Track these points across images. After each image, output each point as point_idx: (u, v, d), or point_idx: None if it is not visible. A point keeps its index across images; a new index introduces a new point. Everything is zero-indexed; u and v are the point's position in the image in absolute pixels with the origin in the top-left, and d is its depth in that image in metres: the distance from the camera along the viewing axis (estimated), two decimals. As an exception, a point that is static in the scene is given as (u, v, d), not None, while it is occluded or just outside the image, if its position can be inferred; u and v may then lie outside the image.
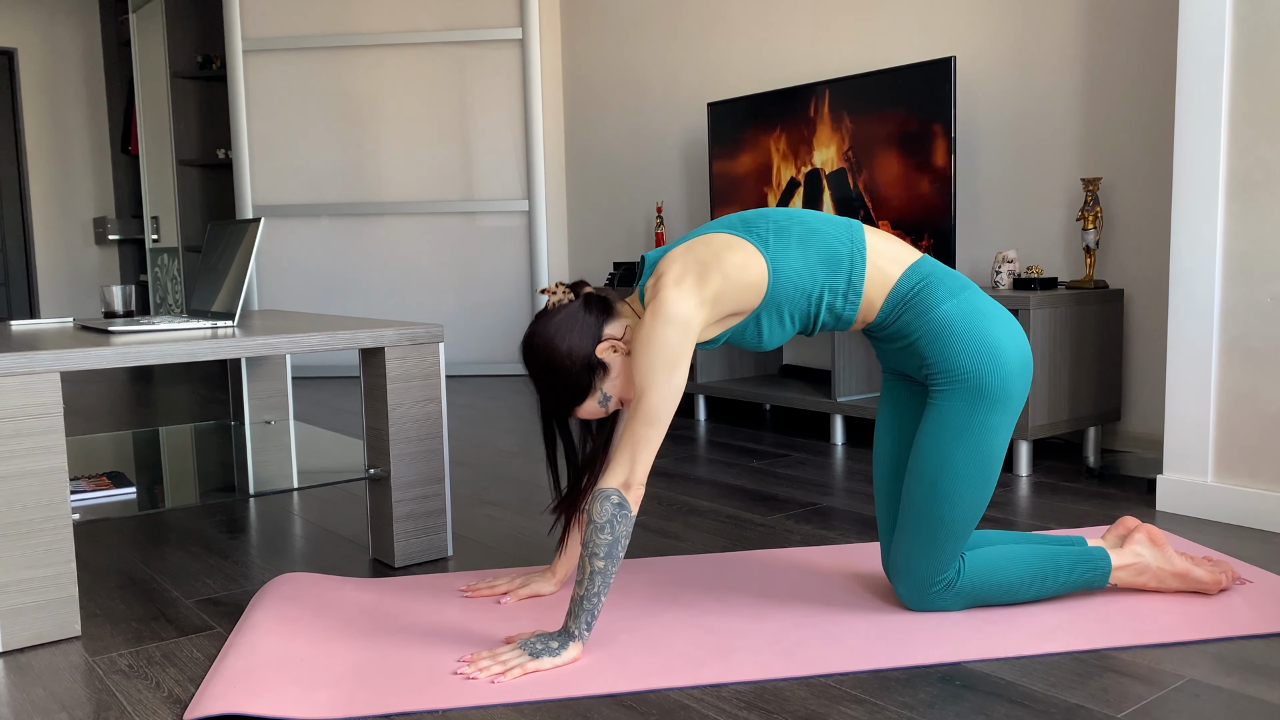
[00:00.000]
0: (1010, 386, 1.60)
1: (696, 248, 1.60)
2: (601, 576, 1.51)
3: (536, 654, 1.50)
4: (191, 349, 1.77)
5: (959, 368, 1.60)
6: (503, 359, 5.12)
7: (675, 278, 1.56)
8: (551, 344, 1.61)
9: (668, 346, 1.52)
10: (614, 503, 1.51)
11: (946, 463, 1.61)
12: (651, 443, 1.53)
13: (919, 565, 1.66)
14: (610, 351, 1.62)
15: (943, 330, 1.60)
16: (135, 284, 7.27)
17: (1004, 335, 1.61)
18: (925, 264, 1.65)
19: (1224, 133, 2.18)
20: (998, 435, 1.61)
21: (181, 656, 1.61)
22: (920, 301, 1.62)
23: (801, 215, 1.65)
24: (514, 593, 1.81)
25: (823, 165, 3.45)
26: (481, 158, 5.03)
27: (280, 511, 2.53)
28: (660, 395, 1.52)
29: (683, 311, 1.53)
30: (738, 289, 1.59)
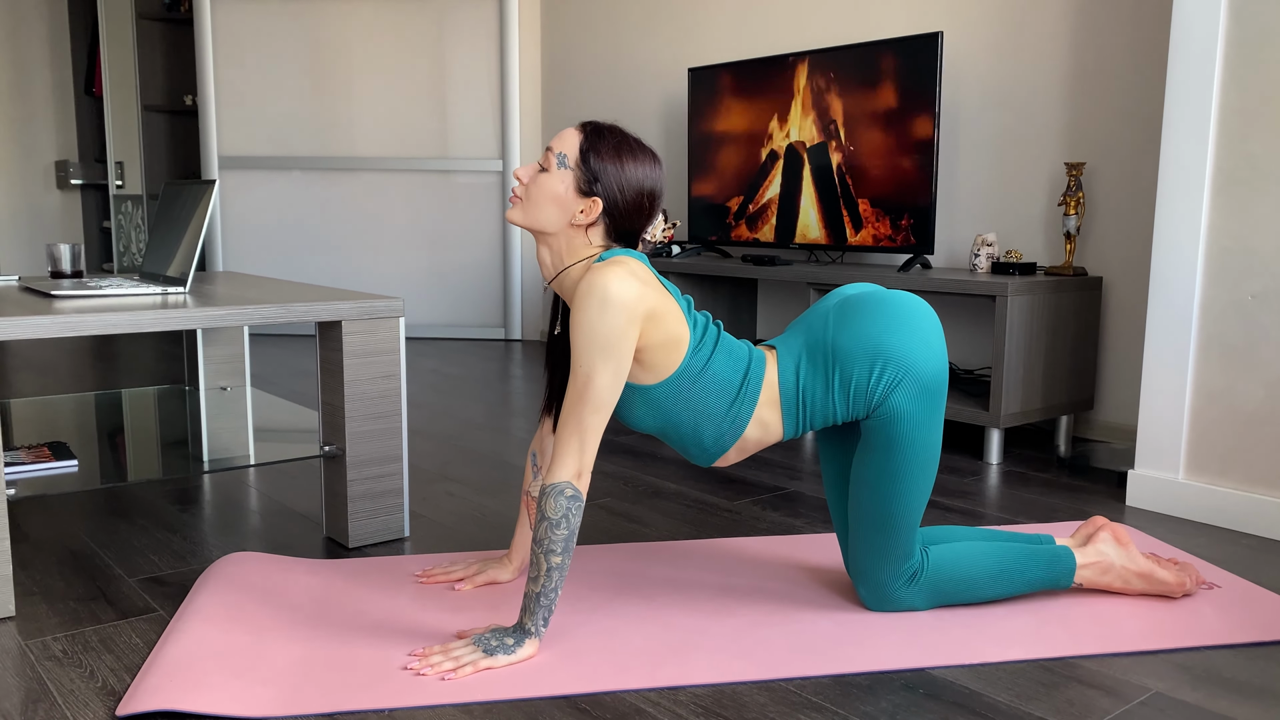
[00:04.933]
0: (934, 392, 1.56)
1: (653, 276, 1.54)
2: (559, 572, 1.46)
3: (491, 651, 1.45)
4: (137, 319, 1.68)
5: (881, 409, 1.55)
6: (472, 322, 5.03)
7: (627, 273, 1.46)
8: (650, 175, 1.54)
9: (610, 330, 1.44)
10: (568, 496, 1.45)
11: (884, 469, 1.57)
12: (598, 429, 1.47)
13: (878, 566, 1.62)
14: (582, 212, 1.52)
15: (847, 385, 1.56)
16: (98, 230, 7.10)
17: (904, 346, 1.54)
18: (785, 377, 1.58)
19: (1213, 125, 2.12)
20: (933, 428, 1.57)
21: (120, 642, 1.54)
22: (818, 414, 1.57)
23: (716, 369, 1.57)
24: (469, 579, 1.76)
25: (803, 138, 3.38)
26: (456, 115, 4.91)
27: (234, 484, 2.45)
28: (604, 382, 1.45)
29: (630, 295, 1.45)
30: (662, 332, 1.51)
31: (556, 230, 1.55)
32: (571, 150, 1.53)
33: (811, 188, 3.37)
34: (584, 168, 1.52)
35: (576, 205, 1.53)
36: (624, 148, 1.53)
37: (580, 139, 1.53)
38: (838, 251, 3.48)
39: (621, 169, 1.52)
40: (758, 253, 3.75)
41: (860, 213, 3.22)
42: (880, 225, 3.17)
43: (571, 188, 1.53)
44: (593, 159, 1.52)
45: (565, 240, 1.56)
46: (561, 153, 1.53)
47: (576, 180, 1.52)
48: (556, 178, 1.53)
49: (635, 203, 1.54)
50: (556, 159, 1.53)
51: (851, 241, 3.26)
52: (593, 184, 1.52)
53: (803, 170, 3.39)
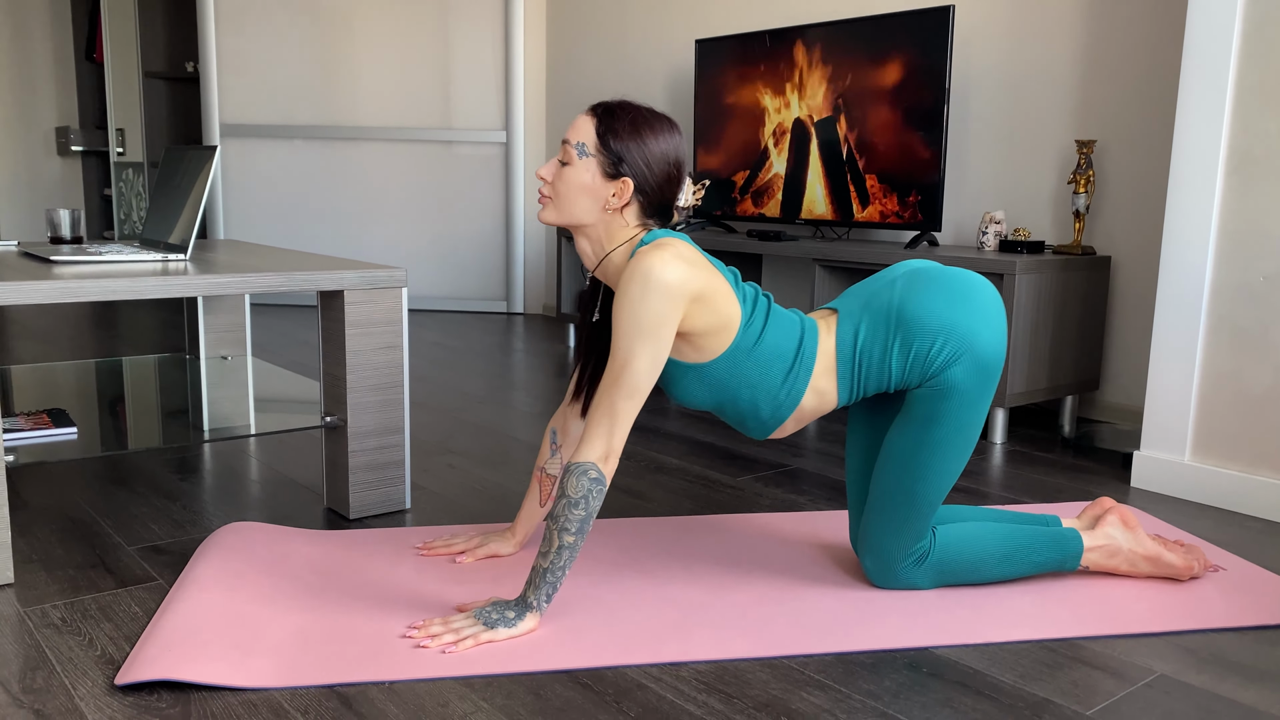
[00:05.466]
0: (990, 373, 1.54)
1: (701, 255, 1.52)
2: (570, 551, 1.45)
3: (491, 624, 1.44)
4: (137, 286, 1.66)
5: (934, 384, 1.54)
6: (475, 295, 5.01)
7: (676, 254, 1.45)
8: (671, 141, 1.51)
9: (652, 314, 1.43)
10: (591, 478, 1.44)
11: (922, 442, 1.56)
12: (630, 415, 1.46)
13: (889, 541, 1.61)
14: (614, 195, 1.50)
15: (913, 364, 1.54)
16: (99, 198, 7.06)
17: (970, 323, 1.53)
18: (844, 337, 1.57)
19: (1228, 103, 2.09)
20: (979, 411, 1.56)
21: (119, 611, 1.54)
22: (874, 376, 1.56)
23: (769, 340, 1.55)
24: (471, 552, 1.75)
25: (811, 112, 3.34)
26: (460, 85, 4.86)
27: (234, 454, 2.44)
28: (641, 366, 1.44)
29: (672, 284, 1.43)
30: (709, 315, 1.50)
31: (593, 220, 1.53)
32: (589, 137, 1.50)
33: (818, 163, 3.33)
34: (606, 151, 1.49)
35: (607, 190, 1.51)
36: (640, 122, 1.50)
37: (595, 123, 1.50)
38: (844, 228, 3.45)
39: (643, 144, 1.50)
40: (763, 228, 3.72)
41: (867, 188, 3.19)
42: (887, 202, 3.14)
43: (598, 174, 1.50)
44: (612, 141, 1.49)
45: (603, 227, 1.54)
46: (580, 142, 1.50)
47: (601, 165, 1.50)
48: (580, 168, 1.51)
49: (664, 174, 1.52)
50: (576, 149, 1.51)
51: (858, 218, 3.23)
52: (619, 165, 1.49)
53: (810, 145, 3.36)
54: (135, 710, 1.25)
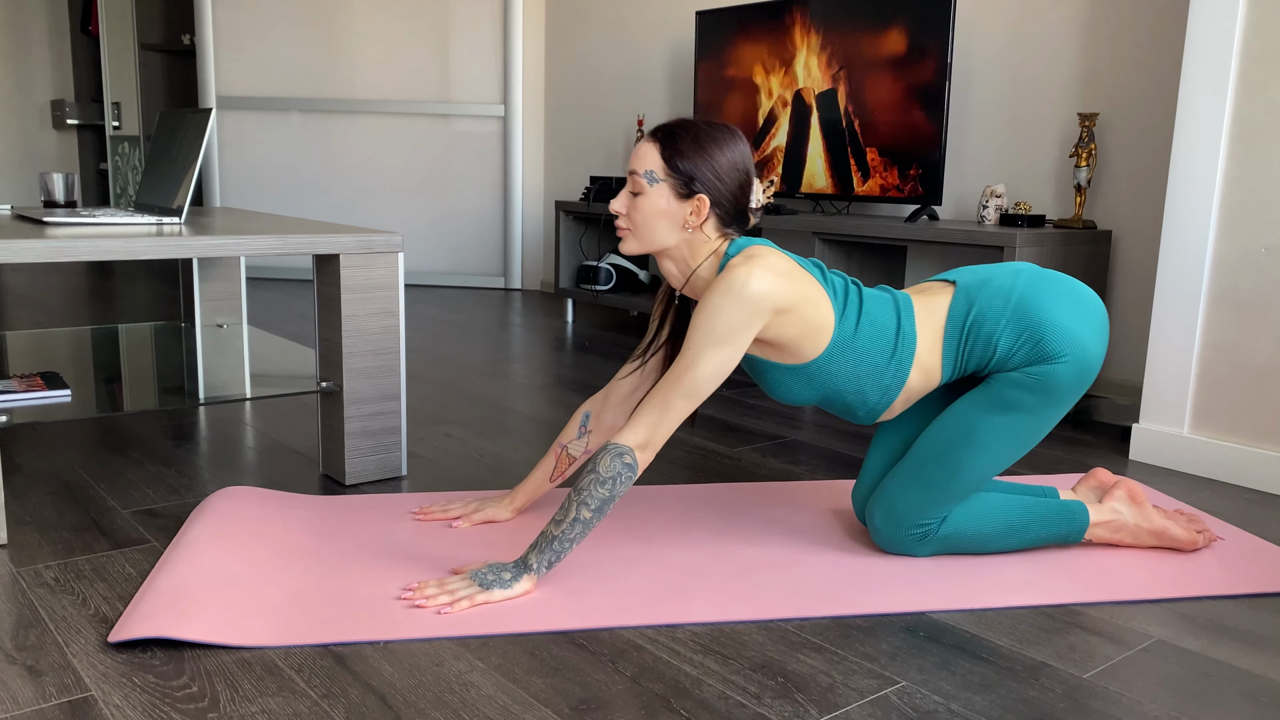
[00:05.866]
0: (1084, 382, 1.57)
1: (798, 267, 1.53)
2: (584, 527, 1.45)
3: (487, 585, 1.44)
4: (130, 246, 1.65)
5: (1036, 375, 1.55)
6: (472, 270, 4.99)
7: (768, 267, 1.47)
8: (735, 149, 1.51)
9: (730, 322, 1.45)
10: (625, 462, 1.44)
11: (992, 423, 1.56)
12: (682, 415, 1.47)
13: (909, 503, 1.60)
14: (692, 214, 1.51)
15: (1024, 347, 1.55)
16: (95, 172, 7.02)
17: (1084, 334, 1.55)
18: (957, 309, 1.57)
19: (1233, 72, 2.07)
20: (1053, 416, 1.58)
21: (112, 571, 1.53)
22: (979, 344, 1.56)
23: (868, 319, 1.56)
24: (467, 517, 1.74)
25: (812, 84, 3.32)
26: (458, 59, 4.83)
27: (230, 421, 2.43)
28: (705, 371, 1.45)
29: (758, 299, 1.45)
30: (800, 325, 1.51)
31: (675, 241, 1.54)
32: (656, 163, 1.51)
33: (819, 136, 3.31)
34: (676, 173, 1.50)
35: (684, 210, 1.51)
36: (703, 136, 1.51)
37: (658, 148, 1.51)
38: (844, 202, 3.43)
39: (711, 157, 1.50)
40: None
41: (868, 162, 3.17)
42: (888, 175, 3.12)
43: (672, 197, 1.51)
44: (680, 162, 1.50)
45: (686, 246, 1.55)
46: (647, 170, 1.51)
47: (674, 188, 1.51)
48: (654, 194, 1.51)
49: (736, 182, 1.53)
50: (645, 178, 1.51)
51: (858, 191, 3.21)
52: (691, 184, 1.50)
53: (810, 118, 3.34)
54: (128, 667, 1.25)
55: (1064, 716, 1.20)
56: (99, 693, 1.19)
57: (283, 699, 1.19)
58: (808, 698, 1.23)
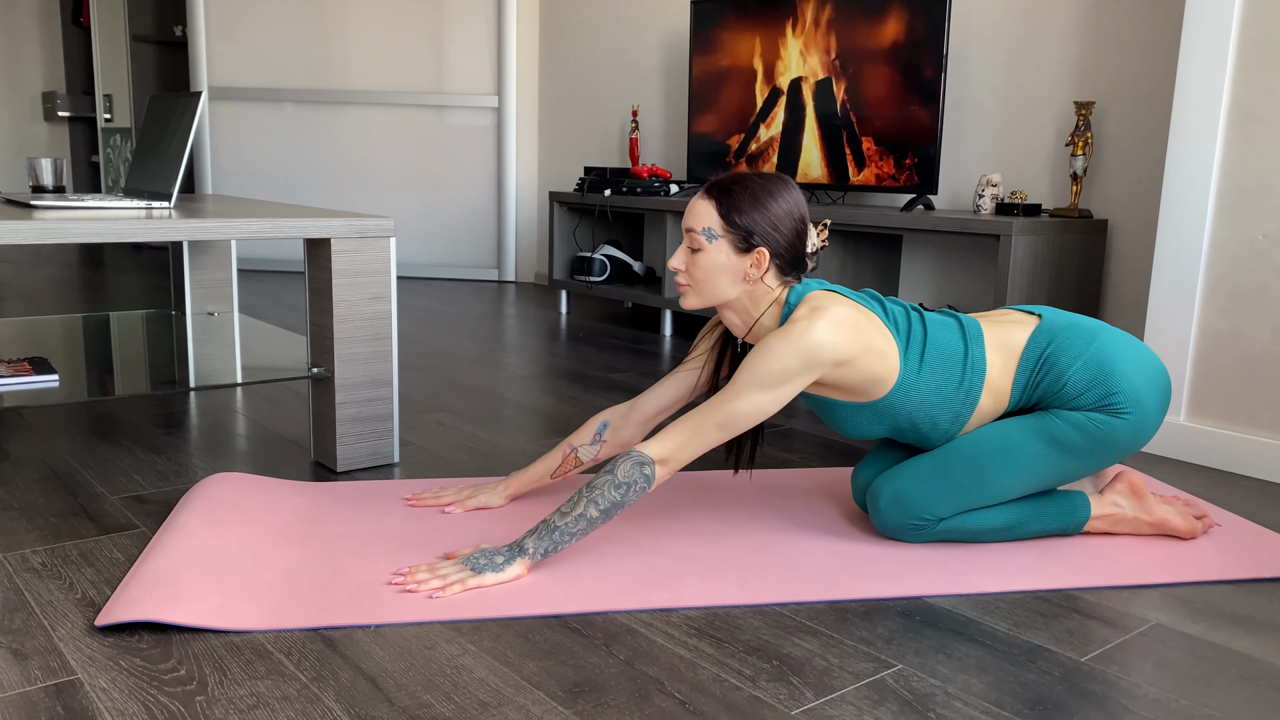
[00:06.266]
0: (1135, 445, 1.58)
1: (861, 313, 1.52)
2: (588, 525, 1.44)
3: (479, 569, 1.42)
4: (118, 229, 1.63)
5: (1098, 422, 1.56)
6: (465, 263, 4.97)
7: (832, 320, 1.47)
8: (790, 199, 1.52)
9: (782, 367, 1.45)
10: (644, 472, 1.44)
11: (1038, 450, 1.56)
12: (711, 443, 1.47)
13: (923, 494, 1.58)
14: (752, 266, 1.52)
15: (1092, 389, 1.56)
16: (87, 164, 6.98)
17: (1152, 397, 1.57)
18: (1038, 341, 1.58)
19: (1231, 57, 2.06)
20: (1094, 464, 1.59)
21: (100, 557, 1.51)
22: (1051, 376, 1.57)
23: (935, 345, 1.57)
24: (460, 503, 1.73)
25: (808, 74, 3.30)
26: (452, 50, 4.80)
27: (220, 409, 2.41)
28: (745, 409, 1.46)
29: (818, 354, 1.45)
30: (864, 374, 1.52)
31: (737, 293, 1.55)
32: (713, 220, 1.52)
33: (814, 125, 3.30)
34: (734, 229, 1.51)
35: (744, 264, 1.52)
36: (758, 190, 1.51)
37: (714, 205, 1.52)
38: (839, 191, 3.42)
39: (766, 210, 1.51)
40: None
41: (864, 151, 3.16)
42: (884, 164, 3.10)
43: (731, 252, 1.52)
44: (737, 217, 1.51)
45: (748, 298, 1.56)
46: (705, 227, 1.52)
47: (732, 243, 1.51)
48: (713, 250, 1.52)
49: (793, 231, 1.53)
50: (704, 235, 1.52)
51: (854, 181, 3.20)
52: (750, 238, 1.51)
53: (805, 107, 3.32)
54: (115, 650, 1.23)
55: (1062, 699, 1.19)
56: (85, 676, 1.17)
57: (272, 682, 1.17)
58: (803, 681, 1.21)
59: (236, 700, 1.13)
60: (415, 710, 1.12)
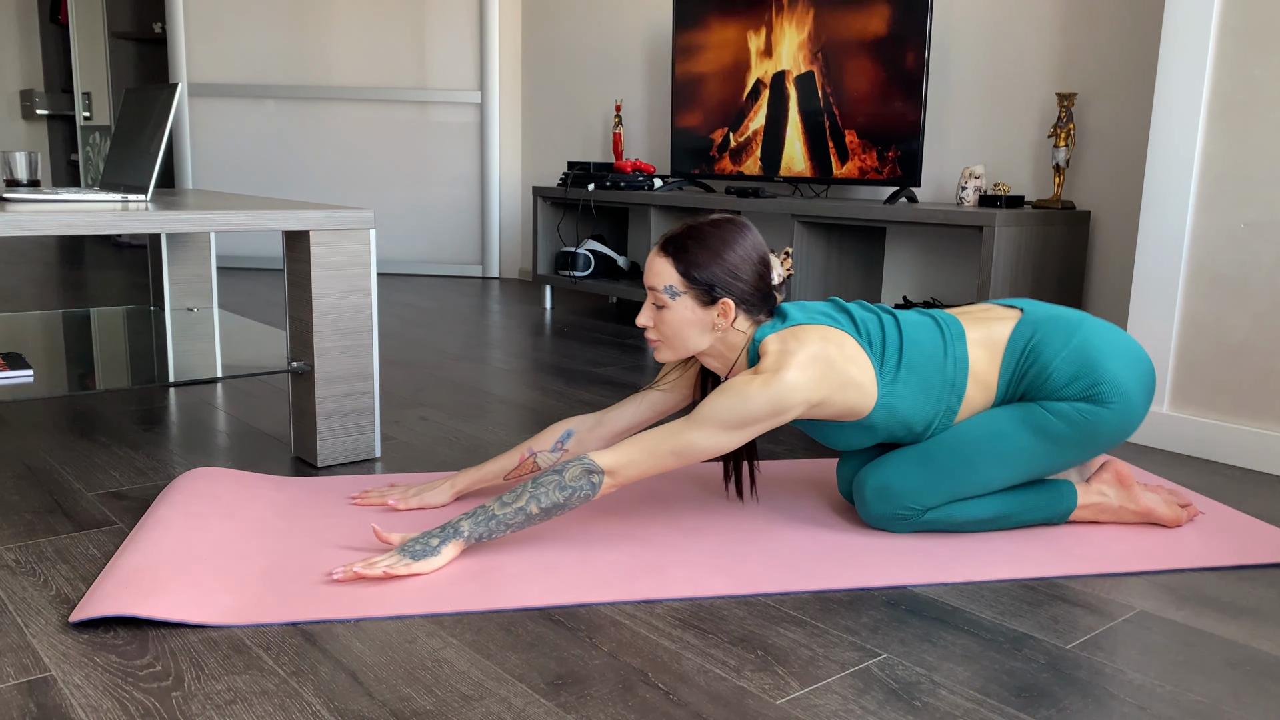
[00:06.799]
0: (1121, 435, 1.58)
1: (832, 343, 1.51)
2: (526, 520, 1.44)
3: (416, 556, 1.40)
4: (93, 221, 1.60)
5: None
6: (449, 259, 4.95)
7: (803, 363, 1.46)
8: (745, 243, 1.51)
9: (754, 414, 1.44)
10: (591, 480, 1.43)
11: (1021, 441, 1.55)
12: (663, 468, 1.47)
13: (909, 484, 1.57)
14: (720, 316, 1.51)
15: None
16: (66, 163, 6.92)
17: (1137, 387, 1.56)
18: (1020, 334, 1.58)
19: (1211, 46, 2.07)
20: (1080, 454, 1.59)
21: (76, 553, 1.49)
22: (1035, 368, 1.56)
23: (914, 347, 1.56)
24: (403, 501, 1.68)
25: (790, 67, 3.29)
26: (434, 44, 4.78)
27: (200, 405, 2.39)
28: (706, 444, 1.45)
29: (788, 397, 1.44)
30: (839, 407, 1.51)
31: (710, 342, 1.55)
32: (673, 278, 1.51)
33: (797, 118, 3.29)
34: (695, 284, 1.50)
35: (711, 315, 1.52)
36: (713, 241, 1.51)
37: (672, 263, 1.51)
38: (823, 185, 3.41)
39: (724, 261, 1.50)
40: (741, 185, 3.68)
41: (847, 144, 3.15)
42: (867, 157, 3.10)
43: (696, 306, 1.51)
44: (696, 273, 1.50)
45: (721, 344, 1.56)
46: (667, 285, 1.51)
47: (696, 297, 1.51)
48: (678, 306, 1.51)
49: (755, 274, 1.53)
50: (666, 293, 1.51)
51: (837, 174, 3.19)
52: (712, 291, 1.50)
53: (788, 101, 3.31)
54: (90, 647, 1.21)
55: (1047, 687, 1.18)
56: (59, 673, 1.15)
57: (250, 677, 1.15)
58: (788, 670, 1.20)
59: (213, 695, 1.11)
60: (396, 704, 1.11)
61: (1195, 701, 1.16)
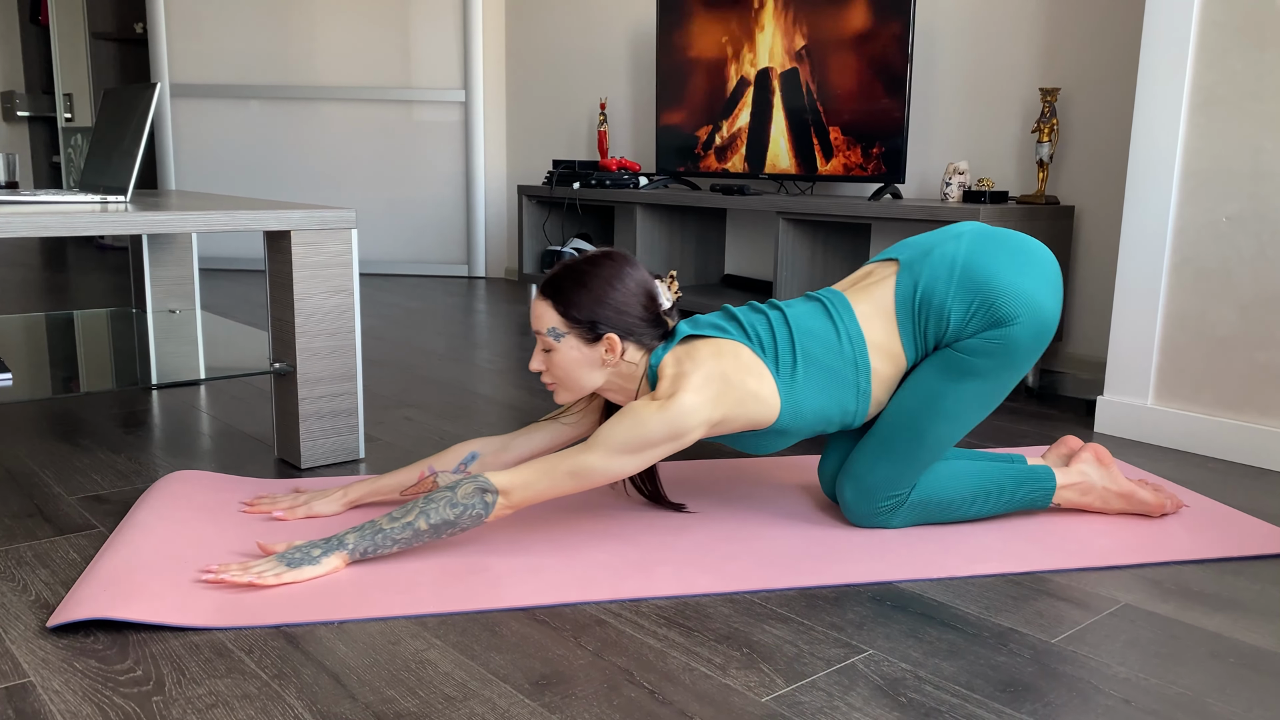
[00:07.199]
0: (1043, 340, 1.54)
1: (726, 357, 1.49)
2: (414, 535, 1.41)
3: (294, 564, 1.38)
4: (70, 223, 1.59)
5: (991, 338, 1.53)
6: (434, 258, 4.93)
7: (698, 385, 1.44)
8: (622, 275, 1.50)
9: (652, 438, 1.42)
10: (485, 500, 1.41)
11: (953, 390, 1.54)
12: (561, 489, 1.44)
13: (879, 476, 1.58)
14: (607, 352, 1.50)
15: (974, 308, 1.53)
16: (48, 165, 6.87)
17: (1035, 289, 1.53)
18: (903, 289, 1.55)
19: (1193, 40, 2.07)
20: (1015, 374, 1.56)
21: (55, 557, 1.47)
22: (932, 318, 1.54)
23: (806, 337, 1.53)
24: (291, 510, 1.62)
25: (774, 64, 3.29)
26: (418, 43, 4.76)
27: (183, 408, 2.37)
28: (603, 468, 1.43)
29: (685, 420, 1.42)
30: (742, 421, 1.50)
31: (605, 377, 1.53)
32: (555, 320, 1.50)
33: (782, 115, 3.29)
34: (577, 324, 1.49)
35: (598, 352, 1.50)
36: (590, 279, 1.49)
37: (552, 305, 1.50)
38: (808, 182, 3.41)
39: (603, 298, 1.49)
40: (727, 183, 3.68)
41: (831, 141, 3.15)
42: (851, 154, 3.10)
43: (581, 345, 1.50)
44: (576, 313, 1.49)
45: (617, 377, 1.54)
46: (550, 328, 1.50)
47: (580, 336, 1.49)
48: (564, 348, 1.50)
49: (639, 305, 1.51)
50: (550, 336, 1.50)
51: (822, 171, 3.19)
52: (595, 327, 1.49)
53: (773, 98, 3.31)
54: (69, 652, 1.20)
55: (1033, 681, 1.18)
56: (38, 678, 1.14)
57: (231, 680, 1.15)
58: (774, 668, 1.20)
59: (194, 700, 1.10)
60: (379, 706, 1.10)
61: (1179, 694, 1.16)
